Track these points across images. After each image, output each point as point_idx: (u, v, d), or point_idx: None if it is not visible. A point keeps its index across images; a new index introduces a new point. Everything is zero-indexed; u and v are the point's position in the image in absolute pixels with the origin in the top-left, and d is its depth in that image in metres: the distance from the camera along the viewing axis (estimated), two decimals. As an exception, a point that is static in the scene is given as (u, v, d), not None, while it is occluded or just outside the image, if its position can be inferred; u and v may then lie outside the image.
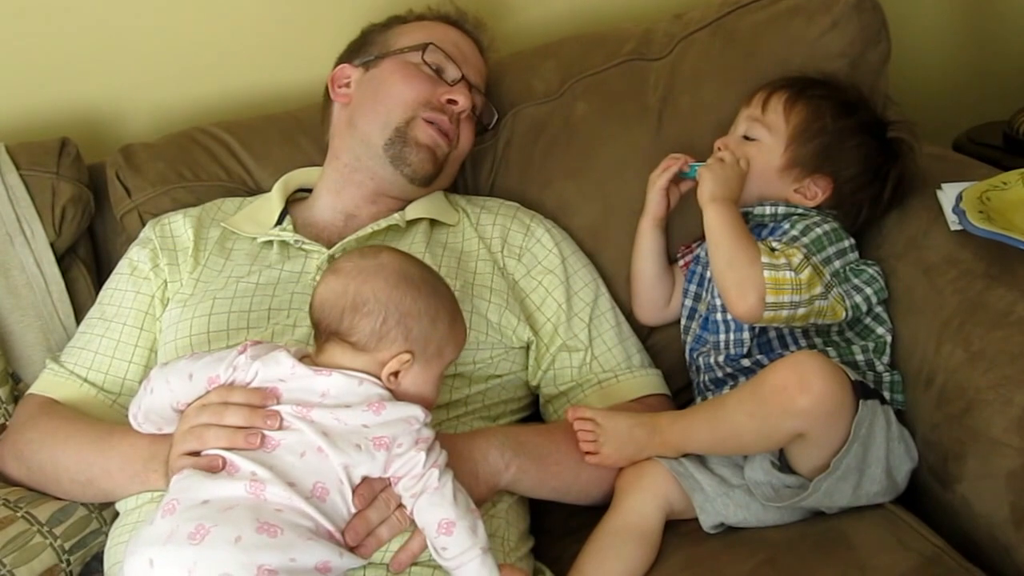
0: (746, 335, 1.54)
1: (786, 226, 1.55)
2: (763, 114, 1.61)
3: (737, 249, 1.47)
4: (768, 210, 1.59)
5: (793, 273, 1.45)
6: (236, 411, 1.29)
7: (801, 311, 1.46)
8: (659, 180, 1.64)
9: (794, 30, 1.74)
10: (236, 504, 1.20)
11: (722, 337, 1.56)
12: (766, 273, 1.45)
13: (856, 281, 1.54)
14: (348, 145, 1.71)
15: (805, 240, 1.52)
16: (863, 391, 1.37)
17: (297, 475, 1.23)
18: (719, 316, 1.57)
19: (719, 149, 1.60)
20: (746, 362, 1.54)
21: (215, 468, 1.26)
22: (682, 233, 1.70)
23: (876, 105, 1.69)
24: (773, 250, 1.49)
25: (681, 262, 1.70)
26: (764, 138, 1.60)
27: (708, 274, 1.61)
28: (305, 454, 1.25)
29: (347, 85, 1.76)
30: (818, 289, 1.47)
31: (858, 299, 1.53)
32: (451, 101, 1.68)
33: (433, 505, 1.26)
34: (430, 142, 1.67)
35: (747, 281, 1.45)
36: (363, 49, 1.78)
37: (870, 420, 1.37)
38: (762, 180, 1.59)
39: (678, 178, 1.64)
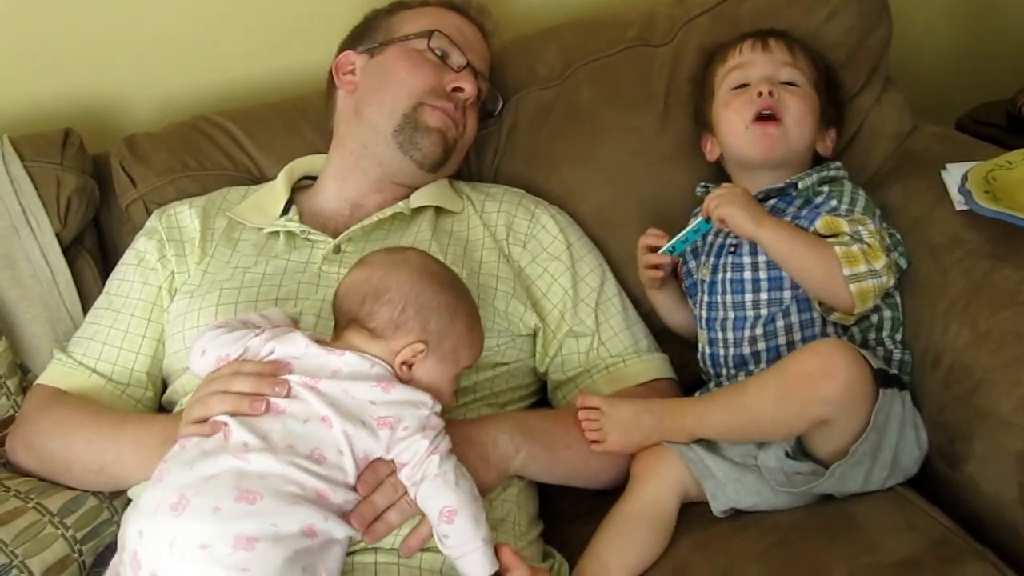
0: (784, 294, 1.53)
1: (833, 202, 1.53)
2: (794, 59, 1.60)
3: (810, 252, 1.46)
4: (808, 181, 1.56)
5: (860, 244, 1.45)
6: (245, 379, 1.30)
7: (883, 278, 1.45)
8: (647, 275, 1.64)
9: (794, 18, 1.74)
10: (220, 472, 1.20)
11: (748, 297, 1.55)
12: (837, 249, 1.44)
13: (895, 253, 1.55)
14: (354, 132, 1.71)
15: (857, 210, 1.52)
16: (883, 379, 1.37)
17: (295, 440, 1.24)
18: (747, 275, 1.55)
19: (761, 95, 1.57)
20: (783, 339, 1.53)
21: (217, 433, 1.26)
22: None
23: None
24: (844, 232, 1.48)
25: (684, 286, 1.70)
26: (804, 84, 1.60)
27: (697, 244, 1.63)
28: (308, 421, 1.26)
29: (352, 72, 1.75)
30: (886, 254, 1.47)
31: (902, 263, 1.54)
32: (457, 89, 1.68)
33: (435, 491, 1.27)
34: (440, 125, 1.66)
35: (829, 267, 1.44)
36: (367, 35, 1.77)
37: (888, 409, 1.37)
38: (809, 129, 1.58)
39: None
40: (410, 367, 1.33)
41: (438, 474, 1.27)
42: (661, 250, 1.60)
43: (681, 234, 1.58)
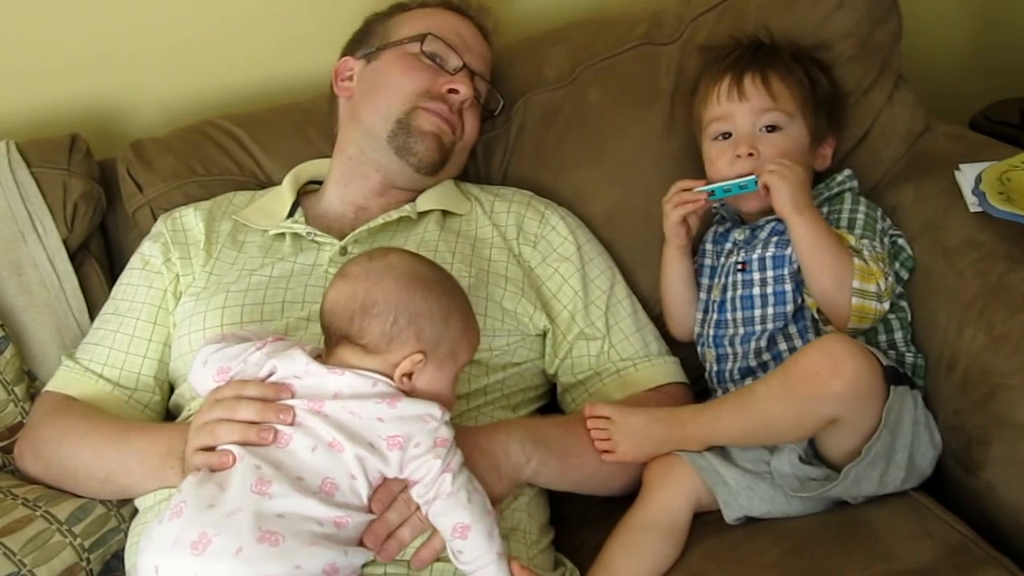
0: (786, 307, 1.52)
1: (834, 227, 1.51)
2: (774, 100, 1.57)
3: (831, 254, 1.44)
4: None
5: (876, 264, 1.44)
6: (249, 405, 1.29)
7: (885, 304, 1.44)
8: (673, 214, 1.59)
9: (800, 10, 1.72)
10: (240, 508, 1.19)
11: (757, 312, 1.54)
12: (856, 261, 1.43)
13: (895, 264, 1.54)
14: (352, 138, 1.71)
15: (857, 231, 1.50)
16: (894, 376, 1.36)
17: (305, 471, 1.23)
18: (756, 290, 1.54)
19: (740, 157, 1.55)
20: (783, 345, 1.53)
21: (226, 465, 1.25)
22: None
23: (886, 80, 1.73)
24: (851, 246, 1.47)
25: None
26: (786, 124, 1.57)
27: (715, 263, 1.63)
28: (316, 449, 1.24)
29: (350, 79, 1.75)
30: (890, 279, 1.47)
31: (893, 279, 1.51)
32: (452, 91, 1.66)
33: (448, 509, 1.26)
34: (435, 128, 1.65)
35: (842, 274, 1.43)
36: (365, 40, 1.77)
37: (899, 406, 1.35)
38: (800, 163, 1.54)
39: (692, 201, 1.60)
40: (410, 378, 1.31)
41: (451, 492, 1.26)
42: (700, 188, 1.57)
43: (726, 182, 1.55)
